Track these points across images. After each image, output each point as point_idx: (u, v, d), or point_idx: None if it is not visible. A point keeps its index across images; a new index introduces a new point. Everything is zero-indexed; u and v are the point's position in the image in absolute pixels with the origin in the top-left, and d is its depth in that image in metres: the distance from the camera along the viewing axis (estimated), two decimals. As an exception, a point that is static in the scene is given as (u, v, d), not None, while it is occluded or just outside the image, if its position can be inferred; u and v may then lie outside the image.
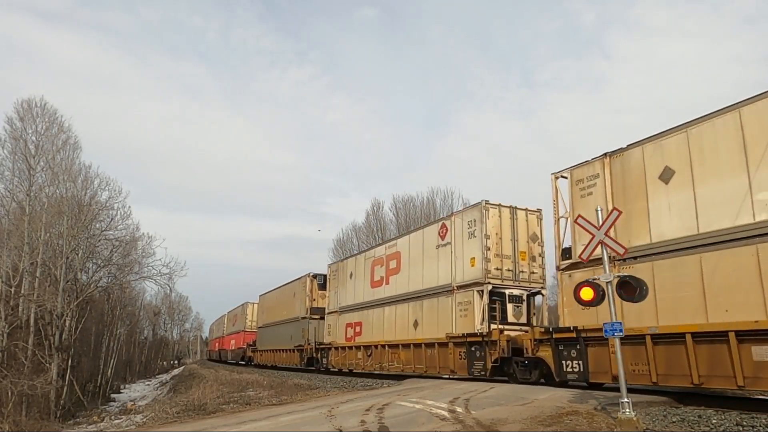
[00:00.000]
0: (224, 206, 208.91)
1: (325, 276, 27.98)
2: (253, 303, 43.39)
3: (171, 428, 11.09)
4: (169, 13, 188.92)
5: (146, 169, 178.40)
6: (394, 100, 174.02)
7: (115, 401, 39.34)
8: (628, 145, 11.28)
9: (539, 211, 16.52)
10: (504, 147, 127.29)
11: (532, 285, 16.06)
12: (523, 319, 15.68)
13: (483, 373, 14.69)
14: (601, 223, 8.24)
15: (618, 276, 7.93)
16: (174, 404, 16.68)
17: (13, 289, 26.00)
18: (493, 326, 14.78)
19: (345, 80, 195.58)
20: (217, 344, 61.78)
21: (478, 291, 15.40)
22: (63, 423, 24.21)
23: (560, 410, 8.55)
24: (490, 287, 15.16)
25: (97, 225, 31.39)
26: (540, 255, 16.48)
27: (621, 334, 7.61)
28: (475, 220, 15.93)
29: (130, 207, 33.74)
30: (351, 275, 24.12)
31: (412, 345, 18.26)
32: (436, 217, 40.02)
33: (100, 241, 31.77)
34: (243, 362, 42.83)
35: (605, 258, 8.15)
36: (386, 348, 19.74)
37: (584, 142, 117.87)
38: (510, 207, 16.10)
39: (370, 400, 11.38)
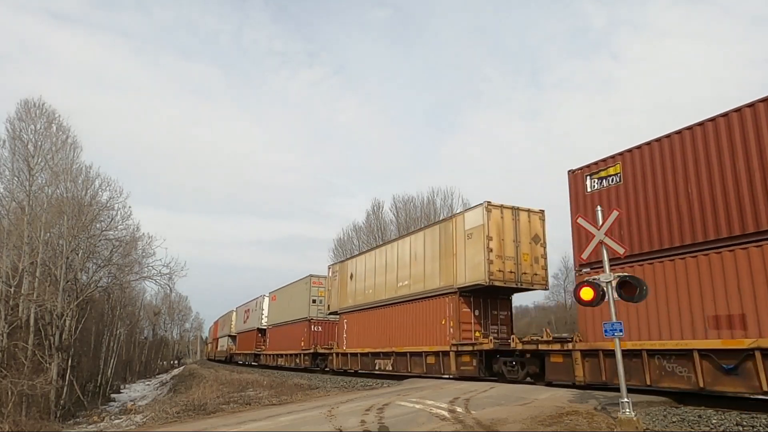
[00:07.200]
0: (228, 206, 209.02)
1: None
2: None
3: (171, 428, 11.08)
4: (183, 14, 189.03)
5: (152, 169, 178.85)
6: (402, 100, 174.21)
7: (115, 401, 39.32)
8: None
9: None
10: (510, 147, 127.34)
11: None
12: None
13: None
14: (601, 223, 8.24)
15: (618, 276, 7.92)
16: (174, 404, 16.69)
17: (13, 289, 25.97)
18: None
19: (354, 81, 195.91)
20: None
21: None
22: (63, 423, 24.18)
23: (560, 410, 8.54)
24: None
25: (98, 225, 31.38)
26: None
27: (620, 334, 7.62)
28: None
29: (130, 207, 33.88)
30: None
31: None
32: (437, 218, 38.53)
33: (100, 241, 31.75)
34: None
35: (605, 258, 8.14)
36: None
37: (589, 142, 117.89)
38: None
39: (370, 400, 11.38)
